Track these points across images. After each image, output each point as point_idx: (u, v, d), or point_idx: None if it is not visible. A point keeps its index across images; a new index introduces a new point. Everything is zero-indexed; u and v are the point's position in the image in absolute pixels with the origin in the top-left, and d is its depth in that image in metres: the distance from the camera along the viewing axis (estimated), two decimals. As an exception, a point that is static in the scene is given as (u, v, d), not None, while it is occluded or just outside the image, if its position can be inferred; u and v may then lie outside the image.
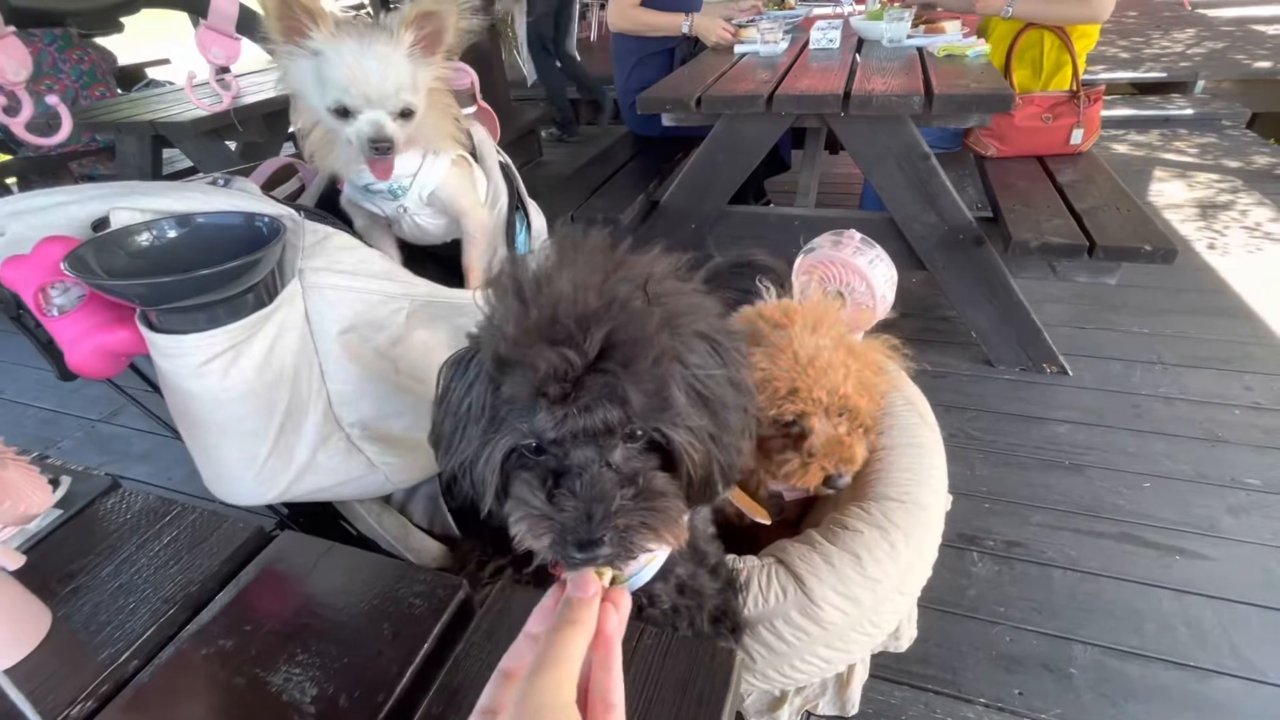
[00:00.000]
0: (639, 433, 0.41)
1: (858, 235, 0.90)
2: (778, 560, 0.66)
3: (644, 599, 0.61)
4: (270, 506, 0.73)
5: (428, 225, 0.86)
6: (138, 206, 0.58)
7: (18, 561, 0.44)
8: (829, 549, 0.64)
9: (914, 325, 2.15)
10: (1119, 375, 1.84)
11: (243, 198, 0.63)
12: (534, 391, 0.37)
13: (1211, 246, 2.43)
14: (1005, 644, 1.23)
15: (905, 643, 0.74)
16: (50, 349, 0.67)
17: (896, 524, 0.65)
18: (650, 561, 0.60)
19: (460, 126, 0.86)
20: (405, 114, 0.72)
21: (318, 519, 0.75)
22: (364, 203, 0.84)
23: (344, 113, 0.70)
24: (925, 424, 0.78)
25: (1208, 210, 2.70)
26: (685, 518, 0.43)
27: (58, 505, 0.60)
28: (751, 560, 0.66)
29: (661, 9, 2.31)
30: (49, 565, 0.54)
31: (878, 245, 0.89)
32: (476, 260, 0.83)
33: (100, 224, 0.59)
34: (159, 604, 0.51)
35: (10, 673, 0.45)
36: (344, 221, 0.82)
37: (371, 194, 0.81)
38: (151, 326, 0.55)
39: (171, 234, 0.57)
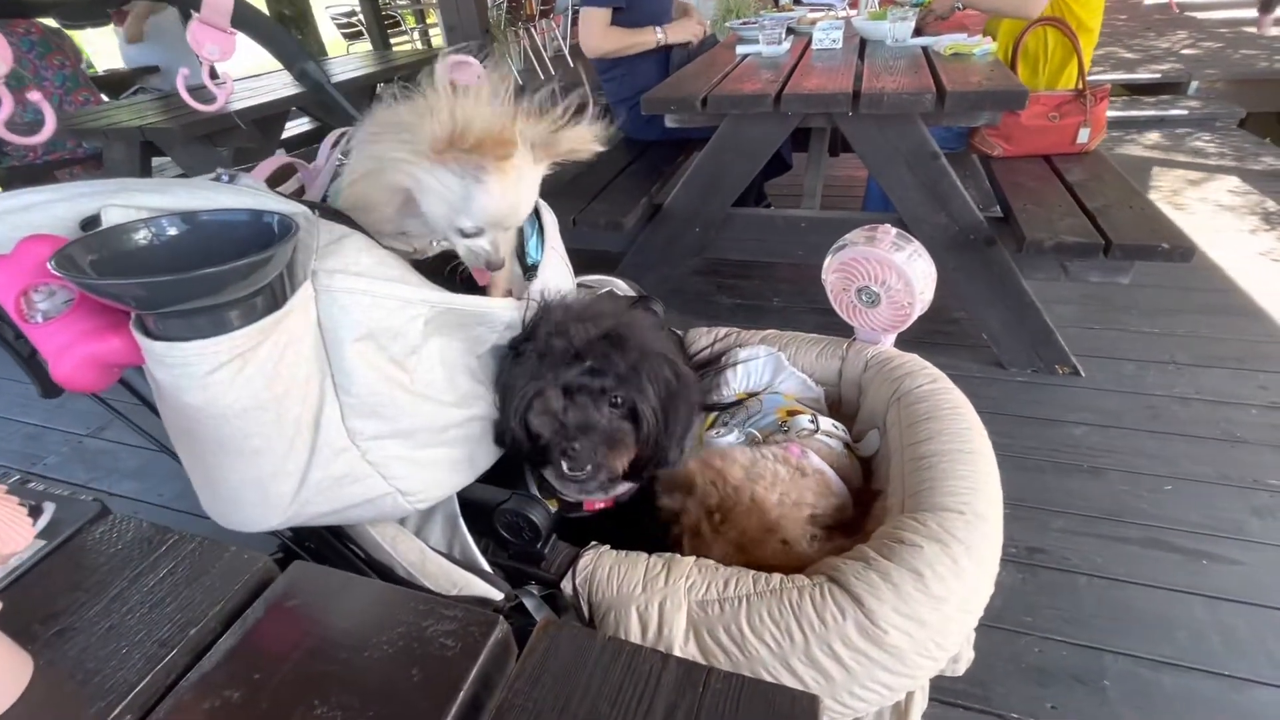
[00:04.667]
0: (619, 399, 0.71)
1: (893, 230, 0.86)
2: (830, 579, 0.61)
3: None
4: (274, 532, 0.68)
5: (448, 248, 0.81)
6: (132, 204, 0.53)
7: (-6, 606, 0.39)
8: (887, 566, 0.59)
9: (923, 327, 2.09)
10: (1133, 376, 1.82)
11: (249, 194, 0.57)
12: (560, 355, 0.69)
13: (1217, 245, 2.42)
14: (1034, 655, 1.19)
15: (963, 666, 0.69)
16: (33, 363, 0.61)
17: (957, 537, 0.61)
18: None
19: None
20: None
21: (326, 544, 0.70)
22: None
23: (470, 231, 0.67)
24: (974, 430, 0.74)
25: (1212, 209, 2.70)
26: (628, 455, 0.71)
27: (40, 535, 0.54)
28: (801, 580, 0.62)
29: (633, 25, 2.29)
30: (30, 604, 0.48)
31: (915, 240, 0.86)
32: (501, 277, 0.79)
33: (90, 223, 0.53)
34: (155, 648, 0.45)
35: (-15, 732, 0.39)
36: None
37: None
38: (148, 333, 0.49)
39: (171, 232, 0.52)
